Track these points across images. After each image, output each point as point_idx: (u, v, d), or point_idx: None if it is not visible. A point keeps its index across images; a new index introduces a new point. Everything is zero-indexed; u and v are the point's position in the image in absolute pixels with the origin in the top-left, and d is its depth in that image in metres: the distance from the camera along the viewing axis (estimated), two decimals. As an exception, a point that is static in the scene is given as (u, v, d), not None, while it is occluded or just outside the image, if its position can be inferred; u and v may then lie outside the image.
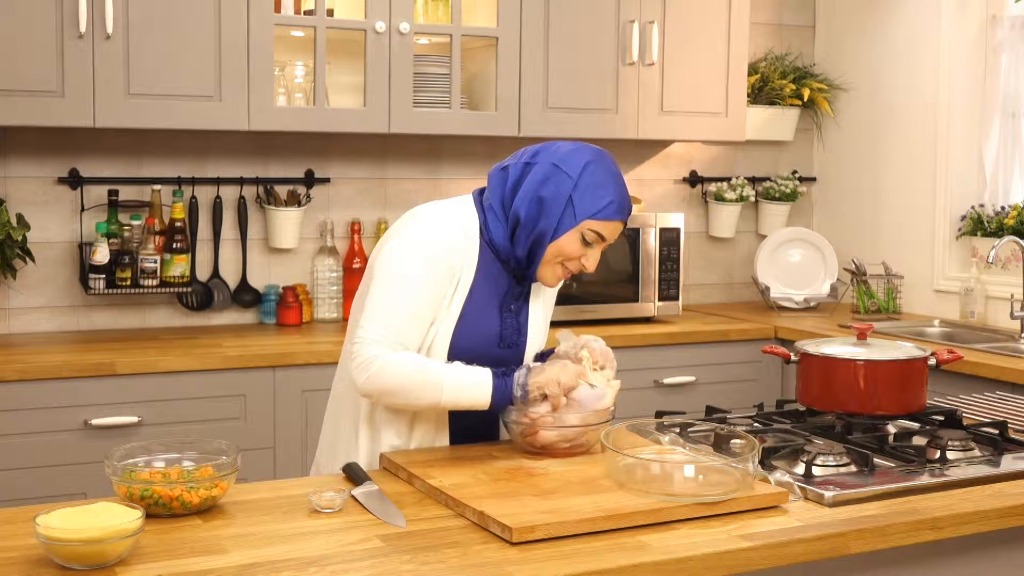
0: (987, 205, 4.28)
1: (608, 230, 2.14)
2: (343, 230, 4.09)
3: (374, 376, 2.04)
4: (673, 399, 3.90)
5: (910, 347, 2.41)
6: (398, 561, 1.61)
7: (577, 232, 2.12)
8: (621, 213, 2.15)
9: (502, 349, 2.22)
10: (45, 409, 3.15)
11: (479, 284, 2.17)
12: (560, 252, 2.14)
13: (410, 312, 2.09)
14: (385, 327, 2.07)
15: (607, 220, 2.12)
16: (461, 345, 2.15)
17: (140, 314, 3.82)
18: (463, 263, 2.14)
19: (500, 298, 2.21)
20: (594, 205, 2.11)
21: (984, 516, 1.89)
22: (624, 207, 2.15)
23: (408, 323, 2.09)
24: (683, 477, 1.89)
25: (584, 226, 2.12)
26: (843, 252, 4.64)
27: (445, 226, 2.15)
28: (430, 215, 2.17)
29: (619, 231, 2.18)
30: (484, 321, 2.18)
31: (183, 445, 1.94)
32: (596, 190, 2.11)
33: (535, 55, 3.92)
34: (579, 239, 2.13)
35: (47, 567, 1.56)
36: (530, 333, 2.27)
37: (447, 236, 2.13)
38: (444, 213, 2.18)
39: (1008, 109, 4.25)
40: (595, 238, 2.14)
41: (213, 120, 3.51)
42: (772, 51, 4.77)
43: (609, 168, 2.16)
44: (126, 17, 3.37)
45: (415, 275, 2.09)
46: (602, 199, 2.11)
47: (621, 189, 2.15)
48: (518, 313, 2.25)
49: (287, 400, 3.41)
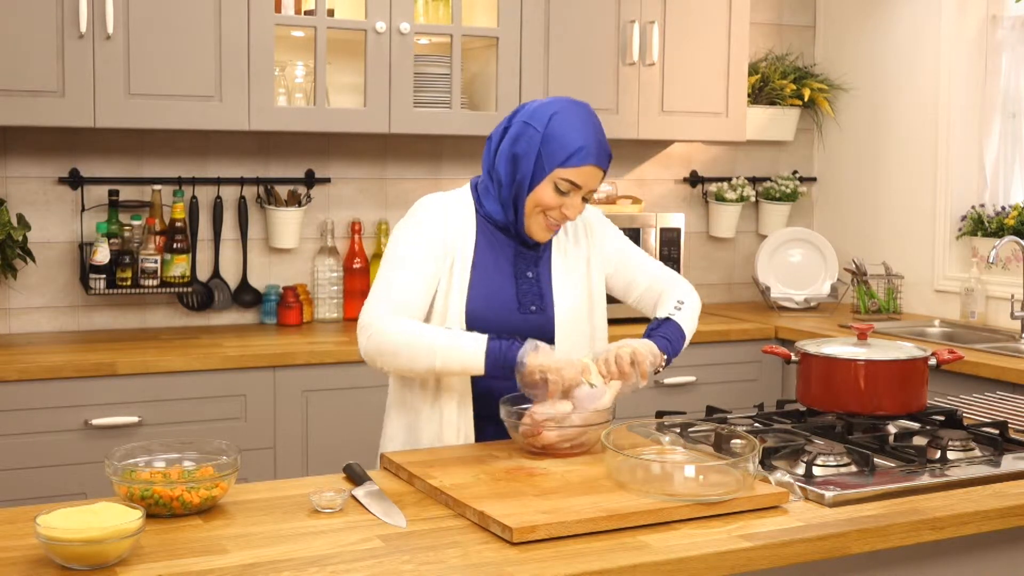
0: (987, 205, 4.28)
1: (580, 177, 2.18)
2: (343, 230, 4.09)
3: (373, 336, 2.16)
4: (674, 399, 3.90)
5: (910, 347, 2.41)
6: (398, 561, 1.61)
7: (550, 182, 2.19)
8: (590, 158, 2.18)
9: (524, 314, 2.26)
10: (46, 409, 3.15)
11: (482, 255, 2.26)
12: (538, 203, 2.21)
13: (408, 285, 2.20)
14: (387, 298, 2.20)
15: (577, 167, 2.17)
16: (477, 313, 2.24)
17: (140, 314, 3.82)
18: (459, 237, 2.25)
19: (512, 265, 2.28)
20: (562, 154, 2.17)
21: (985, 516, 1.89)
22: (594, 152, 2.18)
23: (407, 295, 2.20)
24: (684, 477, 1.89)
25: (555, 175, 2.18)
26: (843, 252, 4.64)
27: (437, 207, 2.28)
28: (424, 202, 2.31)
29: (596, 177, 2.21)
30: (496, 288, 2.25)
31: (183, 445, 1.94)
32: (563, 139, 2.17)
33: (535, 55, 3.92)
34: (553, 189, 2.19)
35: (47, 567, 1.56)
36: (557, 297, 2.29)
37: (438, 215, 2.26)
38: (437, 198, 2.32)
39: (1008, 109, 4.25)
40: (569, 187, 2.19)
41: (213, 120, 3.51)
42: (772, 51, 4.77)
43: (579, 115, 2.20)
44: (126, 17, 3.38)
45: (410, 254, 2.22)
46: (569, 147, 2.17)
47: (591, 135, 2.19)
48: (538, 279, 2.29)
49: (287, 400, 3.41)
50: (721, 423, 2.29)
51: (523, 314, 2.27)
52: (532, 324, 2.26)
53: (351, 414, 3.47)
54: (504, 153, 2.23)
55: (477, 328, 2.21)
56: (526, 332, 2.21)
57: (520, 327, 2.24)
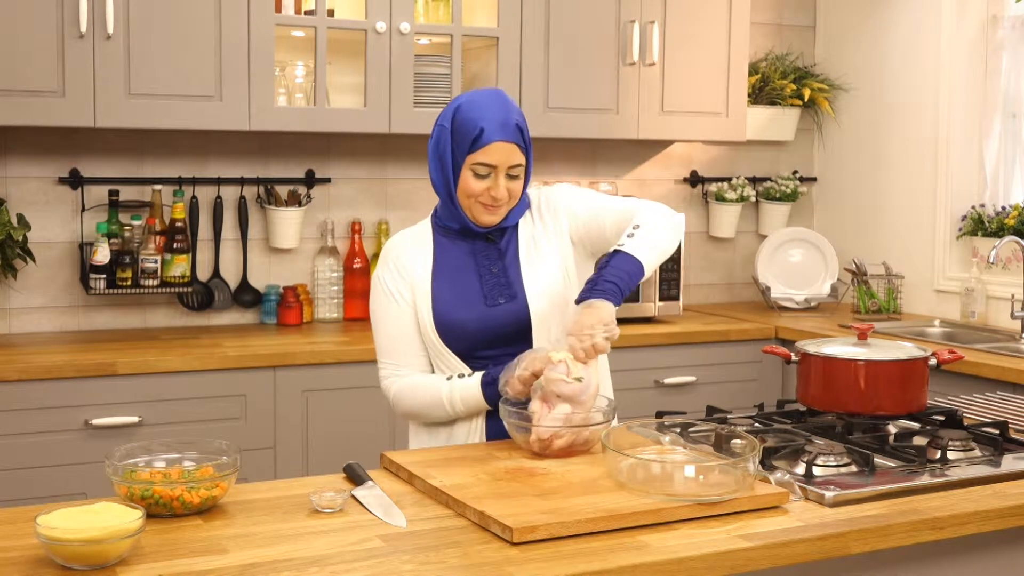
0: (987, 205, 4.28)
1: (491, 156, 2.22)
2: (344, 230, 4.09)
3: (394, 406, 2.36)
4: (674, 399, 3.90)
5: (911, 347, 2.41)
6: (398, 561, 1.61)
7: (468, 171, 2.24)
8: (493, 136, 2.20)
9: (492, 306, 2.28)
10: (46, 409, 3.15)
11: (441, 264, 2.32)
12: (467, 193, 2.26)
13: (393, 340, 2.33)
14: (385, 361, 2.36)
15: (482, 148, 2.21)
16: (445, 316, 2.28)
17: (141, 314, 3.82)
18: (414, 261, 2.33)
19: (474, 264, 2.31)
20: (467, 141, 2.22)
21: (985, 516, 1.89)
22: (496, 129, 2.20)
23: (397, 348, 2.33)
24: (683, 477, 1.89)
25: (469, 163, 2.23)
26: (844, 252, 4.64)
27: (390, 249, 2.37)
28: (383, 249, 2.40)
29: (508, 151, 2.21)
30: (459, 289, 2.30)
31: (183, 445, 1.94)
32: (466, 126, 2.22)
33: (535, 55, 3.92)
34: (472, 176, 2.24)
35: (47, 567, 1.56)
36: (528, 284, 2.30)
37: (391, 256, 2.35)
38: (394, 239, 2.40)
39: (1008, 109, 4.25)
40: (485, 169, 2.23)
41: (214, 120, 3.51)
42: (772, 51, 4.77)
43: (482, 99, 2.24)
44: (127, 17, 3.38)
45: (380, 309, 2.35)
46: (472, 132, 2.21)
47: (492, 114, 2.21)
48: (504, 271, 2.31)
49: (287, 400, 3.41)
50: (721, 423, 2.29)
51: (491, 307, 2.28)
52: (504, 314, 2.28)
53: (351, 414, 3.47)
54: (431, 158, 2.30)
55: (449, 330, 2.28)
56: (500, 323, 2.27)
57: (492, 320, 2.27)
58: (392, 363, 2.34)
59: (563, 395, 2.08)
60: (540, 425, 2.07)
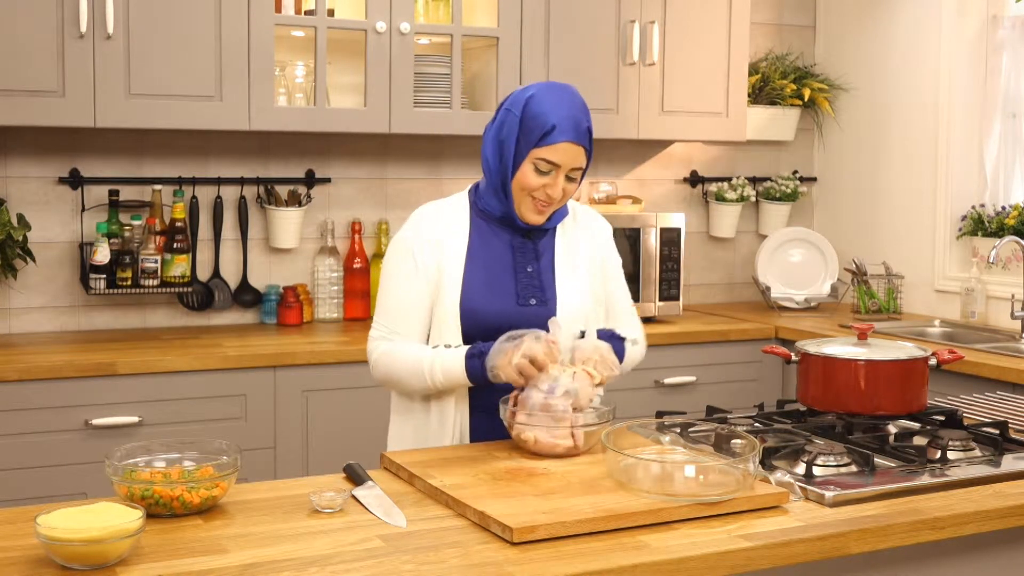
0: (987, 205, 4.28)
1: (557, 155, 2.20)
2: (344, 230, 4.09)
3: (373, 367, 2.32)
4: (674, 399, 3.90)
5: (911, 347, 2.41)
6: (398, 561, 1.61)
7: (530, 163, 2.21)
8: (564, 136, 2.19)
9: (522, 306, 2.27)
10: (46, 409, 3.15)
11: (477, 250, 2.28)
12: (522, 186, 2.23)
13: (399, 304, 2.28)
14: (381, 323, 2.30)
15: (551, 145, 2.19)
16: (472, 305, 2.25)
17: (141, 314, 3.82)
18: (448, 235, 2.28)
19: (511, 259, 2.29)
20: (537, 134, 2.19)
21: (985, 516, 1.89)
22: (568, 129, 2.19)
23: (400, 315, 2.27)
24: (683, 477, 1.89)
25: (533, 156, 2.20)
26: (844, 252, 4.64)
27: (424, 215, 2.32)
28: (415, 212, 2.36)
29: (575, 154, 2.21)
30: (493, 281, 2.27)
31: (184, 445, 1.94)
32: (538, 120, 2.19)
33: (536, 55, 3.92)
34: (533, 170, 2.21)
35: (48, 567, 1.56)
36: (559, 290, 2.30)
37: (423, 222, 2.30)
38: (429, 204, 2.36)
39: (1008, 109, 4.25)
40: (548, 166, 2.21)
41: (214, 120, 3.51)
42: (773, 51, 4.77)
43: (554, 95, 2.22)
44: (127, 17, 3.38)
45: (398, 272, 2.28)
46: (543, 127, 2.18)
47: (566, 112, 2.19)
48: (539, 273, 2.30)
49: (288, 400, 3.41)
50: (721, 423, 2.29)
51: (521, 306, 2.27)
52: (532, 316, 2.26)
53: (351, 414, 3.47)
54: (491, 141, 2.27)
55: (473, 321, 2.24)
56: (525, 324, 2.21)
57: (519, 319, 2.24)
58: (388, 328, 2.28)
59: (556, 414, 2.09)
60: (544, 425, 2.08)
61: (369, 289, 4.02)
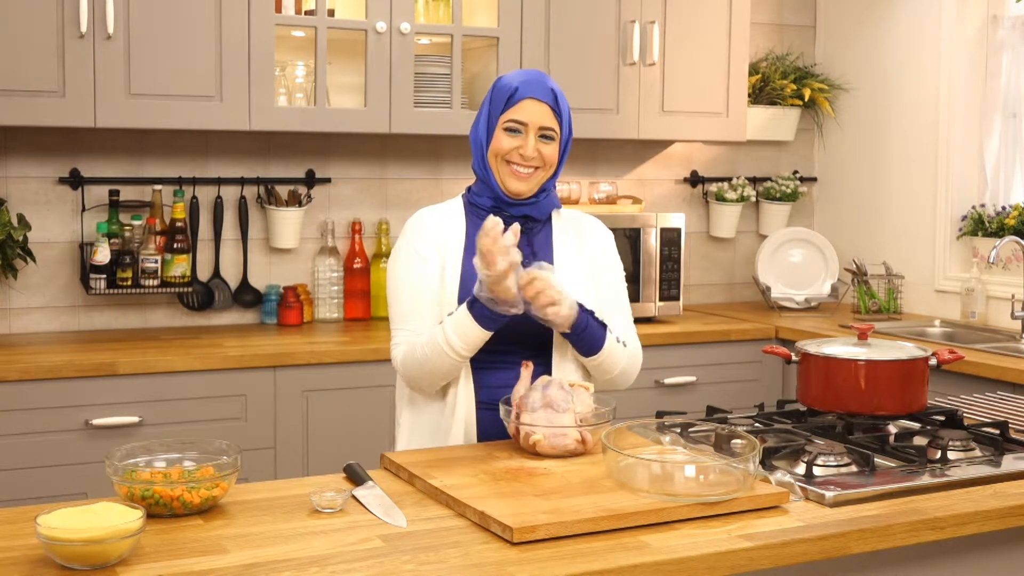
0: (988, 205, 4.28)
1: (523, 114, 2.28)
2: (344, 230, 4.09)
3: (401, 370, 2.31)
4: (674, 399, 3.90)
5: (911, 347, 2.41)
6: (398, 561, 1.61)
7: (500, 130, 2.29)
8: (527, 92, 2.28)
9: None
10: (46, 409, 3.15)
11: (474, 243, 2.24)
12: (497, 152, 2.30)
13: (413, 310, 2.30)
14: (400, 329, 2.32)
15: (515, 105, 2.27)
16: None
17: (141, 314, 3.82)
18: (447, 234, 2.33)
19: None
20: (502, 100, 2.29)
21: (985, 516, 1.89)
22: (530, 88, 2.28)
23: (418, 313, 2.29)
24: (684, 477, 1.89)
25: (502, 121, 2.29)
26: (844, 252, 4.64)
27: (422, 218, 2.37)
28: (411, 219, 2.40)
29: (539, 111, 2.28)
30: None
31: (184, 445, 1.94)
32: (503, 89, 2.30)
33: (536, 55, 3.92)
34: (504, 134, 2.28)
35: (48, 567, 1.56)
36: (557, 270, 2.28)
37: (423, 225, 2.35)
38: (425, 209, 2.41)
39: (1009, 109, 4.25)
40: (516, 125, 2.28)
41: (214, 120, 3.51)
42: (773, 51, 4.77)
43: (521, 70, 2.33)
44: (127, 17, 3.38)
45: (407, 272, 2.32)
46: (507, 92, 2.29)
47: (528, 76, 2.31)
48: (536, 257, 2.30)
49: (288, 400, 3.41)
50: (721, 423, 2.29)
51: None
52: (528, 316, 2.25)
53: (351, 414, 3.47)
54: (473, 127, 2.37)
55: None
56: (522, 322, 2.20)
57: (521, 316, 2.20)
58: (409, 330, 2.28)
59: (554, 407, 2.10)
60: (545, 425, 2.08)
61: (369, 289, 4.02)
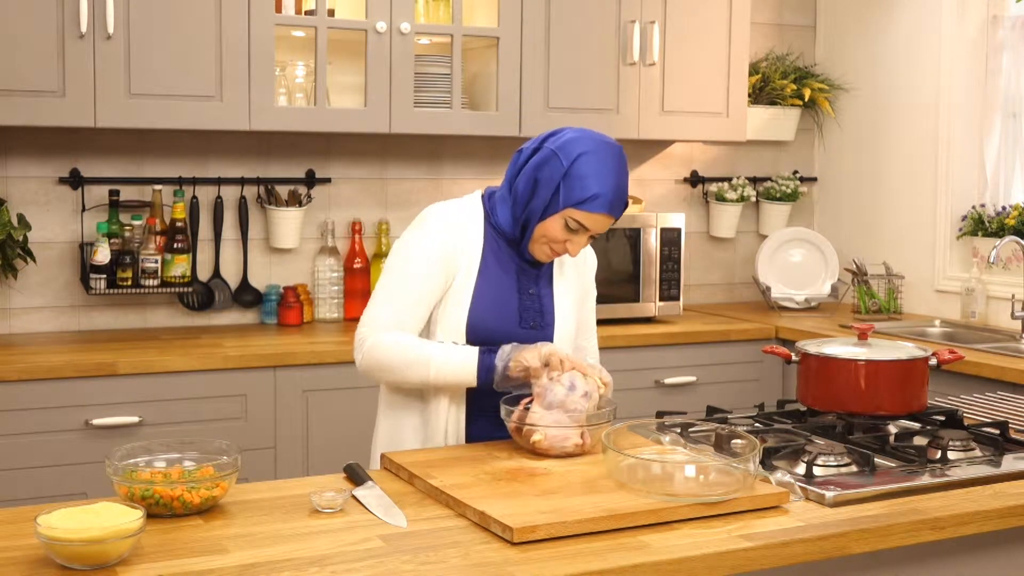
0: (988, 205, 4.28)
1: (591, 221, 2.20)
2: (344, 230, 4.09)
3: (367, 353, 2.21)
4: (674, 399, 3.90)
5: (911, 347, 2.41)
6: (398, 561, 1.61)
7: (560, 218, 2.20)
8: (605, 208, 2.18)
9: (525, 329, 2.28)
10: (46, 409, 3.15)
11: (488, 266, 2.26)
12: (545, 234, 2.22)
13: (406, 298, 2.23)
14: (383, 311, 2.23)
15: (589, 212, 2.18)
16: (479, 324, 2.24)
17: (141, 314, 3.82)
18: (466, 246, 2.25)
19: (516, 280, 2.29)
20: (579, 195, 2.17)
21: (985, 516, 1.89)
22: (610, 202, 2.18)
23: (405, 308, 2.22)
24: (684, 477, 1.89)
25: (567, 213, 2.19)
26: (844, 252, 4.64)
27: (444, 218, 2.28)
28: (434, 210, 2.30)
29: (605, 225, 2.22)
30: (500, 300, 2.26)
31: (184, 445, 1.94)
32: (584, 181, 2.17)
33: (536, 55, 3.92)
34: (562, 224, 2.21)
35: (48, 567, 1.56)
36: (557, 315, 2.32)
37: (447, 225, 2.26)
38: (446, 207, 2.30)
39: (1009, 109, 4.25)
40: (578, 227, 2.21)
41: (214, 120, 3.51)
42: (773, 51, 4.77)
43: (605, 161, 2.19)
44: (127, 17, 3.38)
45: (412, 266, 2.23)
46: (587, 191, 2.17)
47: (612, 184, 2.18)
48: (539, 297, 2.31)
49: (288, 400, 3.41)
50: (722, 423, 2.29)
51: (523, 329, 2.28)
52: (529, 339, 2.26)
53: (351, 414, 3.47)
54: (527, 173, 2.22)
55: (477, 338, 2.24)
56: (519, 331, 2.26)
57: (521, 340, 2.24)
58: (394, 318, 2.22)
59: (567, 409, 2.10)
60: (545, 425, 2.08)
61: (369, 289, 4.02)
